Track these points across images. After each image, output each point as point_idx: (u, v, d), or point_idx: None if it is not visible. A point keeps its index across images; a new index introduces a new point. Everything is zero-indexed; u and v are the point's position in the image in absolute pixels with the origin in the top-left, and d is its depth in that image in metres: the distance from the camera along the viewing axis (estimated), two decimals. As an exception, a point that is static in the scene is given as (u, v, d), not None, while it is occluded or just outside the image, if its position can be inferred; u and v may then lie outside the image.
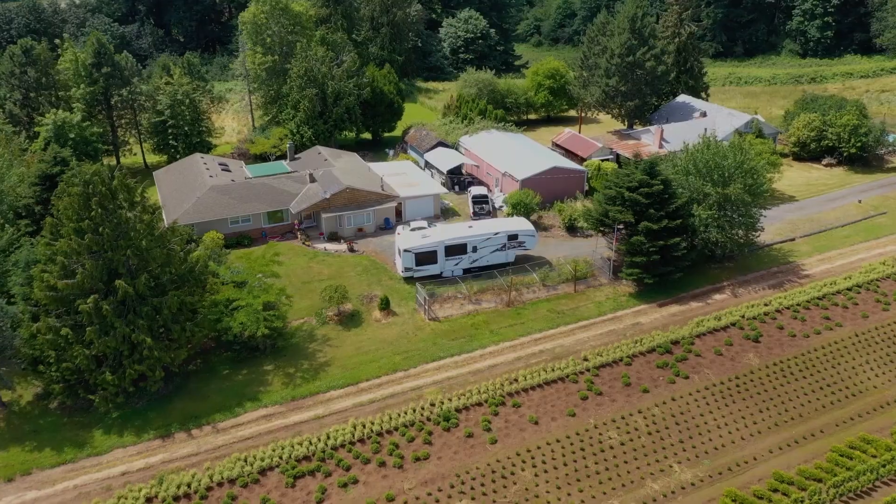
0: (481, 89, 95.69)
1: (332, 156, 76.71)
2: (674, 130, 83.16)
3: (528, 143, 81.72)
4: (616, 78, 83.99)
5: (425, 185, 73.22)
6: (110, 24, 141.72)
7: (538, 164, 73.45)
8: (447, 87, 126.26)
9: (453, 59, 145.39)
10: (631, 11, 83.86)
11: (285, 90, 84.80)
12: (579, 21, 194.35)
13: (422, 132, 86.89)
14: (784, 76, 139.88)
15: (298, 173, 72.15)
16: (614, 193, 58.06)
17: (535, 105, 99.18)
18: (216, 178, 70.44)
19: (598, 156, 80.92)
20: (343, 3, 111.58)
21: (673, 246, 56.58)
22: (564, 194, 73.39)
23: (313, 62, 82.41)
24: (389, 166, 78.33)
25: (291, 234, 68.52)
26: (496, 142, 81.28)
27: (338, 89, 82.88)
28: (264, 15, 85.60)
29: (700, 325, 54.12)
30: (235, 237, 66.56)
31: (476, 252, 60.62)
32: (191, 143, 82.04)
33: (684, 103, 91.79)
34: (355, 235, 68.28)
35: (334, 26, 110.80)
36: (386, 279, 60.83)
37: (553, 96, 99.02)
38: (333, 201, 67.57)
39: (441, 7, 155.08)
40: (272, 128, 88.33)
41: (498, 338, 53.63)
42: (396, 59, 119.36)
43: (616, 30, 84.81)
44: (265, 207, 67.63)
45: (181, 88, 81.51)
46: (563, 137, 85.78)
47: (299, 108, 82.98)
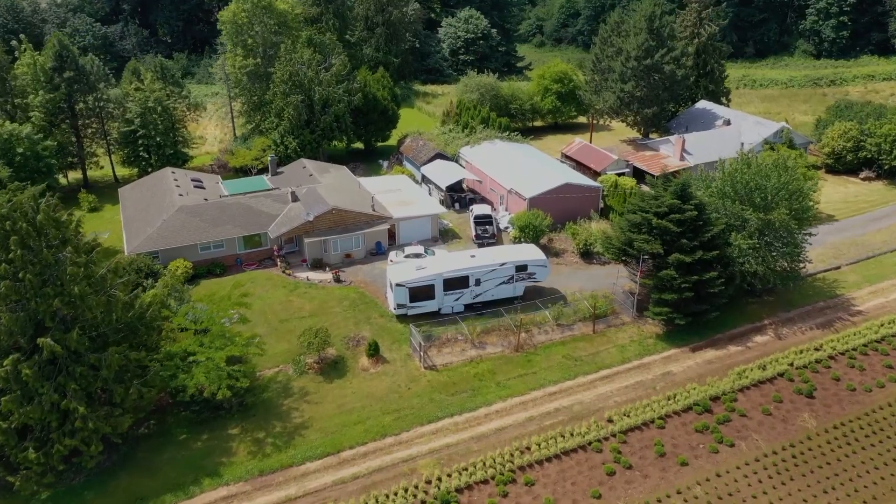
0: (483, 94, 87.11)
1: (319, 170, 68.14)
2: (696, 141, 74.60)
3: (536, 155, 73.14)
4: (632, 83, 75.43)
5: (422, 204, 64.65)
6: (92, 23, 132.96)
7: (548, 181, 64.89)
8: (446, 91, 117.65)
9: (453, 60, 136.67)
10: (648, 10, 75.26)
11: (268, 96, 76.19)
12: (583, 21, 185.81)
13: (418, 142, 78.30)
14: (801, 78, 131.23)
15: (279, 191, 63.57)
16: (640, 220, 49.50)
17: (542, 111, 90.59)
18: (186, 196, 61.89)
19: (612, 169, 72.38)
20: (335, 2, 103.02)
21: (709, 281, 48.08)
22: (577, 214, 64.91)
23: (298, 66, 73.80)
24: (382, 182, 69.74)
25: (270, 260, 60.00)
26: (500, 154, 72.71)
27: (326, 95, 74.32)
28: (245, 14, 77.01)
29: (742, 377, 45.62)
30: (206, 265, 58.05)
31: (479, 286, 52.11)
32: (164, 154, 73.44)
33: (705, 110, 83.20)
34: (342, 262, 59.74)
35: (325, 26, 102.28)
36: (376, 316, 52.31)
37: (561, 102, 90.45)
38: (318, 224, 59.04)
39: (440, 6, 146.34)
40: (255, 138, 79.74)
41: (506, 392, 45.12)
42: (392, 62, 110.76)
43: (632, 30, 76.24)
44: (240, 231, 59.07)
45: (153, 95, 72.88)
46: (573, 148, 77.20)
47: (283, 117, 74.41)
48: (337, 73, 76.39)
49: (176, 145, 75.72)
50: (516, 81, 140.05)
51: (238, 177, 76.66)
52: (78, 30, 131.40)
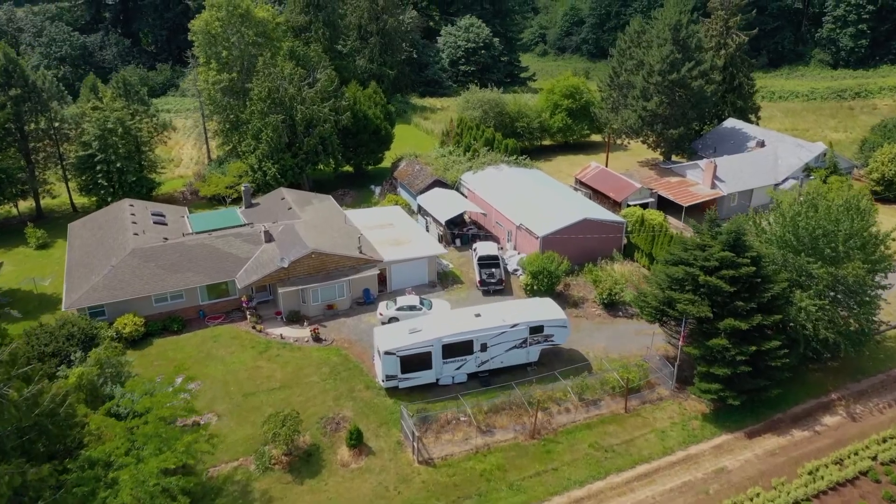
0: (486, 112, 77.56)
1: (299, 202, 58.52)
2: (728, 165, 65.00)
3: (548, 183, 63.47)
4: (655, 100, 65.84)
5: (418, 243, 54.98)
6: (70, 33, 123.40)
7: (563, 216, 55.27)
8: (446, 105, 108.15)
9: (453, 71, 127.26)
10: (673, 18, 65.72)
11: (245, 115, 66.57)
12: (587, 29, 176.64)
13: (414, 166, 68.68)
14: (823, 90, 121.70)
15: (252, 229, 53.92)
16: (682, 275, 39.83)
17: (551, 130, 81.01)
18: (143, 235, 52.25)
19: (635, 199, 62.76)
20: (325, 10, 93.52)
21: (770, 352, 38.42)
22: (597, 253, 55.36)
23: (279, 81, 64.22)
24: (372, 215, 60.08)
25: (239, 311, 50.34)
26: (508, 182, 63.06)
27: (310, 115, 64.76)
28: (220, 23, 67.40)
29: (816, 478, 35.88)
30: (162, 319, 48.42)
31: (486, 351, 42.44)
32: (125, 182, 63.79)
33: (734, 129, 73.61)
34: (323, 314, 50.11)
35: (315, 36, 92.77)
36: (360, 388, 42.63)
37: (572, 119, 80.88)
38: (295, 270, 49.41)
39: (439, 14, 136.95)
40: (231, 161, 70.12)
41: (521, 498, 35.40)
42: (387, 74, 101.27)
43: (655, 41, 66.67)
44: (204, 279, 49.39)
45: (113, 114, 63.27)
46: (588, 173, 67.55)
47: (261, 139, 64.78)
48: (322, 90, 66.83)
49: (140, 171, 66.12)
50: (520, 92, 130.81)
51: (212, 207, 67.16)
52: (55, 39, 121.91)
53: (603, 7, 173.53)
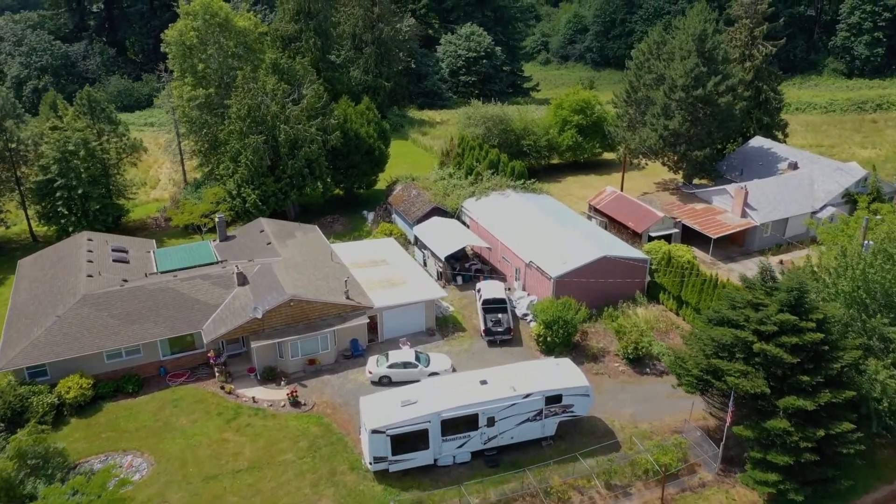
0: (490, 129, 70.37)
1: (280, 235, 51.31)
2: (758, 191, 57.82)
3: (560, 212, 56.22)
4: (678, 118, 58.64)
5: (414, 283, 47.72)
6: (51, 42, 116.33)
7: (579, 252, 48.04)
8: (445, 118, 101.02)
9: (453, 82, 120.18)
10: (697, 28, 58.58)
11: (223, 135, 59.37)
12: (591, 37, 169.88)
13: (411, 191, 61.48)
14: (843, 101, 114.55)
15: (224, 269, 46.65)
16: (731, 339, 32.60)
17: (560, 148, 73.77)
18: (98, 278, 45.02)
19: (657, 229, 55.53)
20: (316, 18, 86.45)
21: (841, 436, 31.17)
22: (618, 296, 48.19)
23: (260, 98, 57.06)
24: (362, 249, 52.85)
25: (207, 366, 43.08)
26: (515, 210, 55.86)
27: (294, 135, 57.58)
28: (196, 33, 60.19)
29: None
30: (116, 379, 41.18)
31: (493, 426, 35.18)
32: (88, 210, 56.63)
33: (761, 149, 66.41)
34: (304, 371, 42.88)
35: (305, 46, 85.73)
36: (344, 469, 35.40)
37: (582, 136, 73.67)
38: (271, 320, 42.19)
39: (439, 22, 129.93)
40: (208, 185, 62.90)
41: None
42: (383, 86, 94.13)
43: (677, 52, 59.49)
44: (165, 331, 42.16)
45: (74, 135, 56.13)
46: (604, 199, 60.31)
47: (240, 162, 57.58)
48: (309, 107, 59.66)
49: (107, 197, 58.97)
50: (523, 103, 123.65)
51: (187, 236, 60.06)
52: (35, 48, 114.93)
53: (607, 14, 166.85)
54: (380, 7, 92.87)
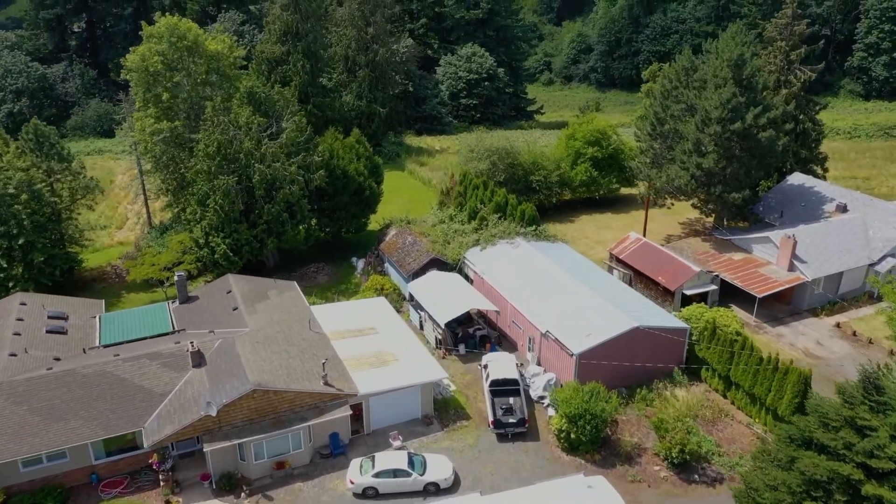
0: (495, 164, 62.06)
1: (250, 297, 42.83)
2: (808, 239, 49.45)
3: (579, 265, 47.80)
4: (713, 155, 50.28)
5: (408, 360, 39.17)
6: (28, 63, 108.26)
7: (607, 321, 39.57)
8: (445, 146, 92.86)
9: (453, 105, 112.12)
10: (734, 52, 50.38)
11: (190, 175, 51.02)
12: (596, 57, 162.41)
13: (406, 237, 53.05)
14: (868, 126, 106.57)
15: (178, 344, 38.08)
16: (825, 475, 24.02)
17: (573, 183, 65.40)
18: (24, 356, 36.58)
19: (692, 286, 47.04)
20: (305, 39, 78.46)
21: None
22: (652, 372, 39.66)
23: (232, 133, 48.77)
24: (348, 313, 44.29)
25: (150, 472, 34.42)
26: (527, 264, 47.43)
27: (272, 175, 49.23)
28: (161, 58, 51.97)
29: None
30: (33, 491, 32.56)
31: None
32: (31, 263, 48.15)
33: (802, 187, 58.11)
34: (271, 477, 34.26)
35: (293, 69, 77.69)
36: None
37: (597, 170, 65.35)
38: (230, 414, 33.61)
39: (438, 42, 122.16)
40: (176, 230, 54.50)
41: None
42: (378, 112, 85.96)
43: (711, 79, 51.23)
44: (98, 430, 33.60)
45: (16, 176, 47.79)
46: (628, 249, 51.83)
47: (208, 206, 49.19)
48: (289, 142, 51.36)
49: (57, 246, 50.54)
50: (528, 128, 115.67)
51: (148, 291, 51.60)
52: (10, 70, 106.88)
53: (612, 34, 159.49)
54: (374, 27, 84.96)
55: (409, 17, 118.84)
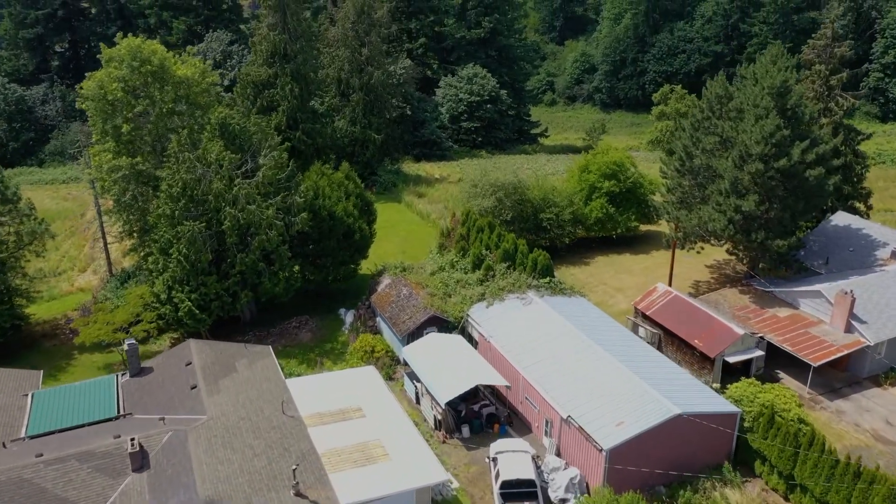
0: (502, 200, 54.95)
1: (212, 371, 35.53)
2: (865, 294, 42.24)
3: (602, 327, 40.58)
4: (755, 196, 43.15)
5: (401, 456, 31.78)
6: (5, 84, 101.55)
7: (642, 404, 32.33)
8: (445, 173, 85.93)
9: (453, 129, 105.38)
10: (776, 79, 43.45)
11: (152, 219, 43.88)
12: (600, 77, 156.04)
13: (401, 289, 45.83)
14: (893, 151, 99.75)
15: (116, 443, 30.69)
16: None
17: (587, 221, 58.28)
18: (-75, 457, 29.14)
19: (735, 352, 39.75)
20: (294, 61, 71.69)
21: None
22: (695, 465, 32.29)
23: (200, 172, 41.74)
24: (330, 388, 36.94)
25: None
26: (541, 325, 40.20)
27: (246, 220, 42.13)
28: (121, 84, 45.03)
29: None
30: None
31: None
32: (-35, 323, 40.98)
33: (848, 228, 51.01)
34: None
35: (281, 93, 70.93)
36: None
37: (614, 206, 58.27)
38: (173, 539, 26.18)
39: (438, 62, 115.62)
40: (135, 282, 47.30)
41: None
42: (373, 138, 78.99)
43: (750, 110, 44.22)
44: (4, 560, 26.22)
45: (-53, 222, 40.72)
46: (656, 303, 44.57)
47: (171, 255, 42.02)
48: (267, 180, 44.28)
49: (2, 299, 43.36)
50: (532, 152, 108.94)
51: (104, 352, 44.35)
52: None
53: (617, 53, 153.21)
54: (369, 48, 78.24)
55: (407, 37, 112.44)
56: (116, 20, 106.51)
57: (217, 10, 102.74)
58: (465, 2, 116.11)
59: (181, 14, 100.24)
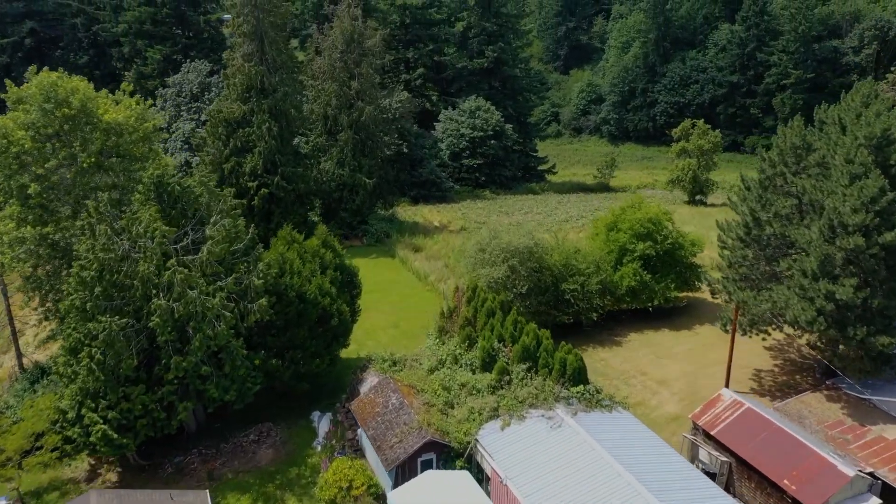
0: (516, 269, 43.98)
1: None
2: None
3: (657, 457, 29.60)
4: (853, 280, 32.29)
5: None
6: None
7: None
8: (446, 220, 75.30)
9: (454, 167, 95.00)
10: (875, 128, 32.88)
11: (62, 308, 32.92)
12: (609, 108, 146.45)
13: (389, 396, 34.71)
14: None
15: None
16: None
17: (618, 291, 47.32)
18: None
19: (843, 498, 28.59)
20: (273, 96, 61.48)
21: None
22: None
23: (122, 249, 30.94)
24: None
25: None
26: (576, 458, 29.16)
27: (184, 313, 31.21)
28: (29, 134, 34.40)
29: None
30: None
31: None
32: None
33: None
34: None
35: (258, 132, 60.63)
36: None
37: (650, 272, 47.36)
38: None
39: (437, 94, 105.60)
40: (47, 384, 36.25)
41: None
42: (363, 183, 68.32)
43: (839, 167, 33.55)
44: None
45: None
46: (722, 419, 33.44)
47: (82, 360, 31.03)
48: (215, 258, 33.41)
49: None
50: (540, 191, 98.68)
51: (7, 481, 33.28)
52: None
53: (626, 83, 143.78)
54: (360, 81, 67.85)
55: (404, 67, 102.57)
56: (89, 49, 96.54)
57: (197, 37, 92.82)
58: (467, 29, 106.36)
59: (157, 42, 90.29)
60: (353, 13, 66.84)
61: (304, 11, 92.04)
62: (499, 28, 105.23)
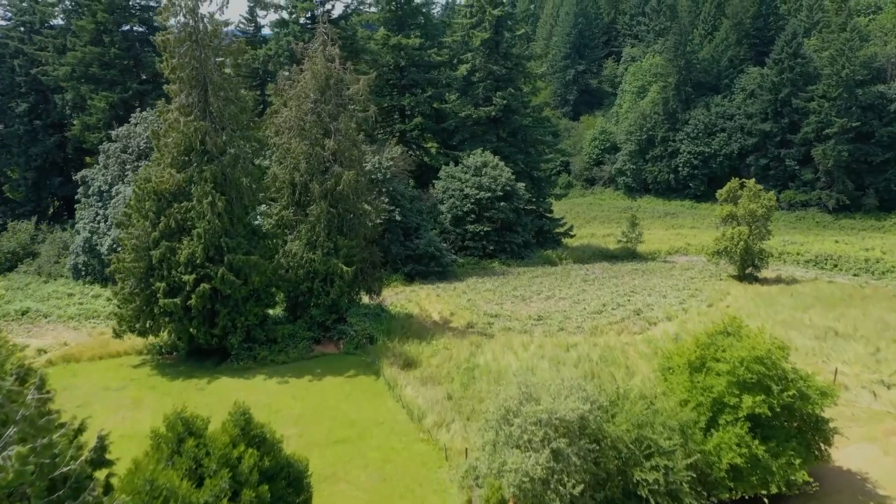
0: (563, 453, 26.46)
1: None
2: None
3: None
4: None
5: None
6: None
7: None
8: (448, 308, 58.21)
9: (457, 233, 78.36)
10: None
11: None
12: (625, 158, 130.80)
13: None
14: None
15: None
16: None
17: (713, 474, 29.93)
18: None
19: None
20: (219, 160, 45.02)
21: None
22: None
23: None
24: None
25: None
26: None
27: None
28: None
29: None
30: None
31: None
32: None
33: None
34: None
35: (199, 209, 44.15)
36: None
37: (763, 441, 29.93)
38: None
39: (437, 147, 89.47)
40: None
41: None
42: (340, 271, 51.05)
43: None
44: None
45: None
46: None
47: None
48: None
49: None
50: (557, 258, 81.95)
51: None
52: None
53: (644, 131, 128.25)
54: (337, 139, 51.26)
55: (398, 116, 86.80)
56: (28, 95, 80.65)
57: (153, 81, 76.92)
58: (472, 73, 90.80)
59: (105, 88, 74.38)
60: (328, 53, 50.62)
61: (277, 52, 76.23)
62: (508, 71, 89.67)
